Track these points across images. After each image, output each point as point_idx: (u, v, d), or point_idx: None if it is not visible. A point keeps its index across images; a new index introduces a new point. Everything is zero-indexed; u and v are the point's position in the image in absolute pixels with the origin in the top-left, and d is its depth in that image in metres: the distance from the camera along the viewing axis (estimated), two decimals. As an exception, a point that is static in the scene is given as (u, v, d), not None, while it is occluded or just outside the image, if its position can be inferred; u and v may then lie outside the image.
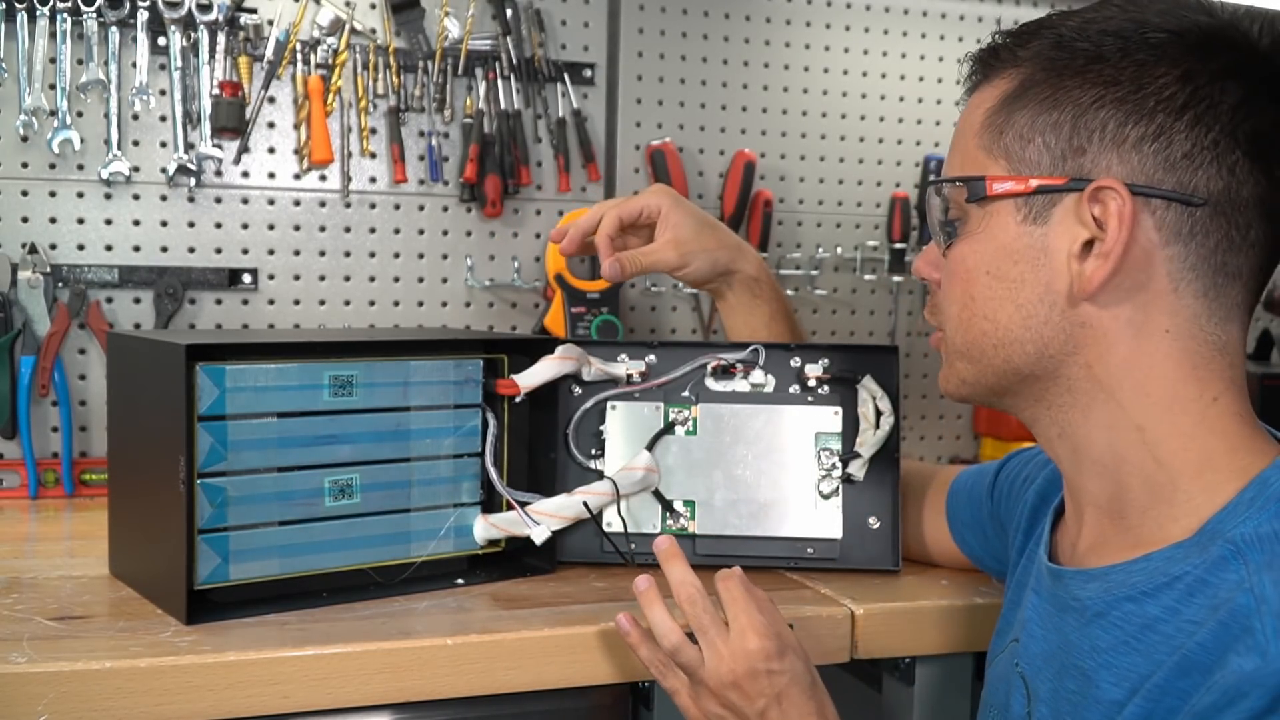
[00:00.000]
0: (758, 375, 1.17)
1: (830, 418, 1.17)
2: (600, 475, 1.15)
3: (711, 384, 1.18)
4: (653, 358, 1.18)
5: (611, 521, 1.15)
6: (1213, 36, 0.75)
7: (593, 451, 1.17)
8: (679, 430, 1.17)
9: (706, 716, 0.91)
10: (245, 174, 1.58)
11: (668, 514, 1.16)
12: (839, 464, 1.16)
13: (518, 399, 1.12)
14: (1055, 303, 0.78)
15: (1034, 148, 0.78)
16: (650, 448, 1.15)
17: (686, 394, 1.17)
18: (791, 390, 1.18)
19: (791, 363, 1.18)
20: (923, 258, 0.88)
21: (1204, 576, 0.71)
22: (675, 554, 0.96)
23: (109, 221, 1.52)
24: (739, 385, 1.17)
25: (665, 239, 1.24)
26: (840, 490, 1.16)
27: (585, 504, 1.12)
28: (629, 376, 1.16)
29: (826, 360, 1.18)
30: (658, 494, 1.15)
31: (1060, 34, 0.78)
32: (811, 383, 1.17)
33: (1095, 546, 0.82)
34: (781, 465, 1.16)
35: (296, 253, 1.61)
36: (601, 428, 1.16)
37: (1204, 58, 0.75)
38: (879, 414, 1.16)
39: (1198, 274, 0.76)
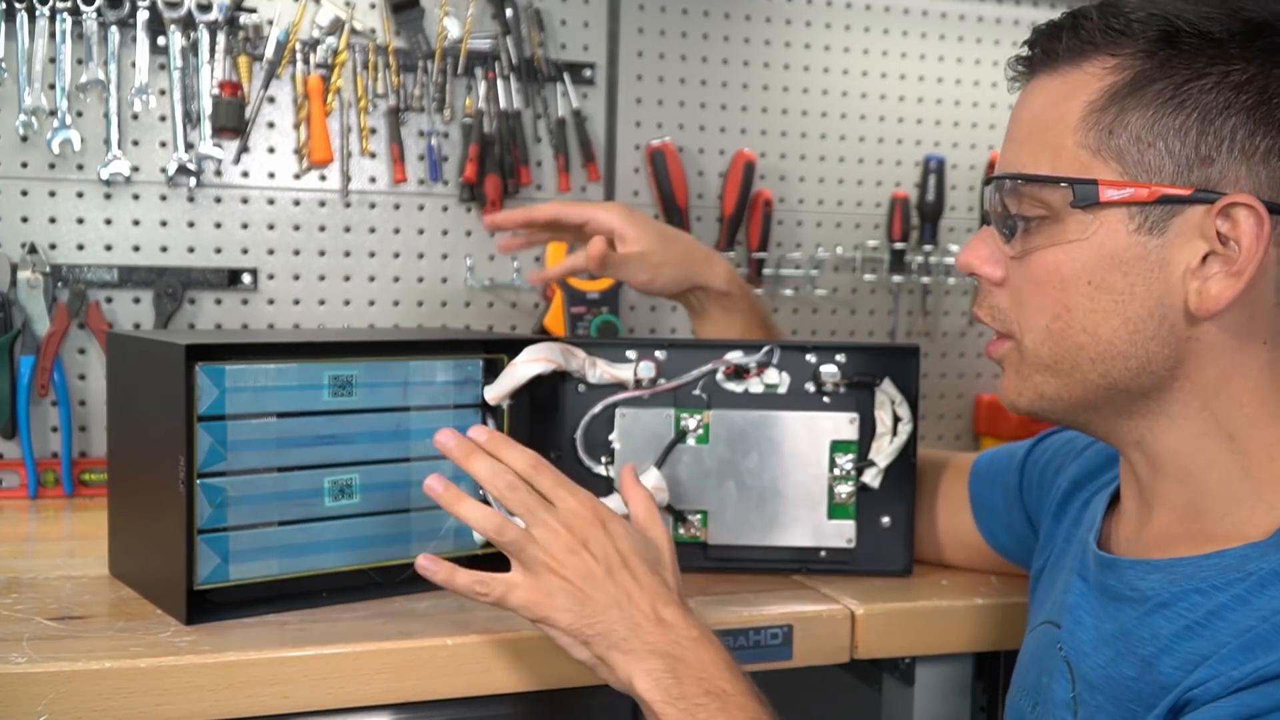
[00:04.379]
0: (771, 375, 1.14)
1: (846, 425, 1.13)
2: (608, 481, 1.14)
3: (724, 384, 1.14)
4: (661, 354, 1.14)
5: None
6: None
7: (602, 458, 1.14)
8: (690, 439, 1.14)
9: (551, 598, 0.86)
10: (245, 174, 1.58)
11: (679, 524, 1.15)
12: (854, 474, 1.13)
13: (504, 405, 1.11)
14: (1167, 318, 0.75)
15: (1154, 153, 0.73)
16: (660, 463, 1.13)
17: (698, 392, 1.14)
18: (806, 389, 1.14)
19: (807, 359, 1.14)
20: (977, 252, 0.82)
21: (1278, 570, 0.71)
22: (469, 451, 0.91)
23: (109, 221, 1.52)
24: (752, 386, 1.14)
25: (632, 251, 1.21)
26: (855, 499, 1.14)
27: None
28: (638, 381, 1.14)
29: (843, 358, 1.14)
30: (669, 506, 1.13)
31: (1173, 25, 0.73)
32: (828, 386, 1.13)
33: (1162, 541, 0.81)
34: (795, 475, 1.14)
35: (296, 253, 1.61)
36: (611, 437, 1.14)
37: None
38: (897, 420, 1.13)
39: None
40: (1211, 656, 0.71)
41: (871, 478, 1.13)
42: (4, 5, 1.44)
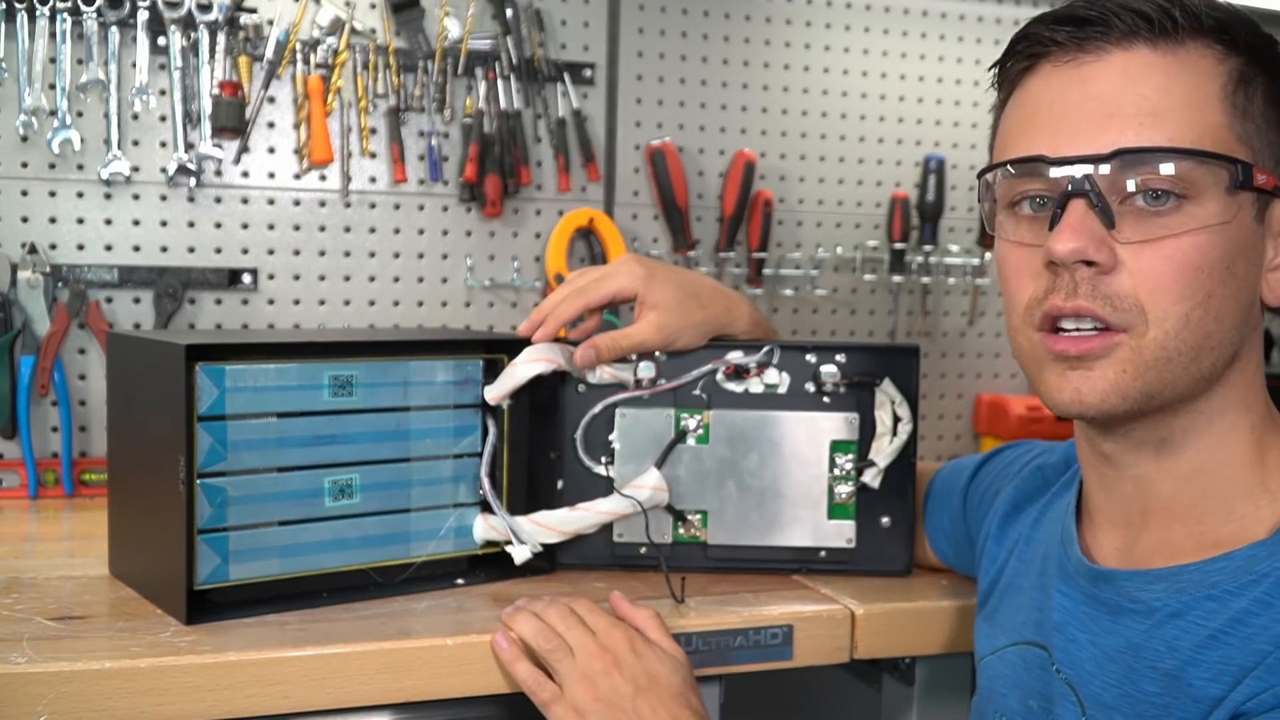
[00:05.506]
0: (771, 375, 1.14)
1: (846, 425, 1.13)
2: (608, 481, 1.14)
3: (724, 384, 1.14)
4: (661, 355, 1.14)
5: (623, 532, 1.14)
6: None
7: (602, 458, 1.14)
8: (690, 439, 1.14)
9: (584, 718, 0.90)
10: (245, 174, 1.58)
11: (679, 523, 1.15)
12: (854, 473, 1.13)
13: (505, 405, 1.11)
14: (1254, 306, 0.77)
15: (1266, 143, 0.74)
16: (660, 463, 1.13)
17: (698, 393, 1.14)
18: (806, 389, 1.14)
19: (807, 359, 1.14)
20: (1084, 234, 0.72)
21: None
22: (513, 619, 0.96)
23: (109, 221, 1.52)
24: (753, 386, 1.14)
25: (647, 320, 1.12)
26: (855, 499, 1.14)
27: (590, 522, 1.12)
28: (638, 381, 1.14)
29: (843, 358, 1.14)
30: (669, 506, 1.13)
31: (1254, 32, 0.75)
32: (828, 386, 1.13)
33: (1163, 549, 0.79)
34: (795, 475, 1.13)
35: (296, 253, 1.61)
36: (611, 437, 1.14)
37: None
38: (896, 420, 1.13)
39: None
40: (1256, 667, 0.69)
41: (871, 478, 1.13)
42: (4, 5, 1.44)
